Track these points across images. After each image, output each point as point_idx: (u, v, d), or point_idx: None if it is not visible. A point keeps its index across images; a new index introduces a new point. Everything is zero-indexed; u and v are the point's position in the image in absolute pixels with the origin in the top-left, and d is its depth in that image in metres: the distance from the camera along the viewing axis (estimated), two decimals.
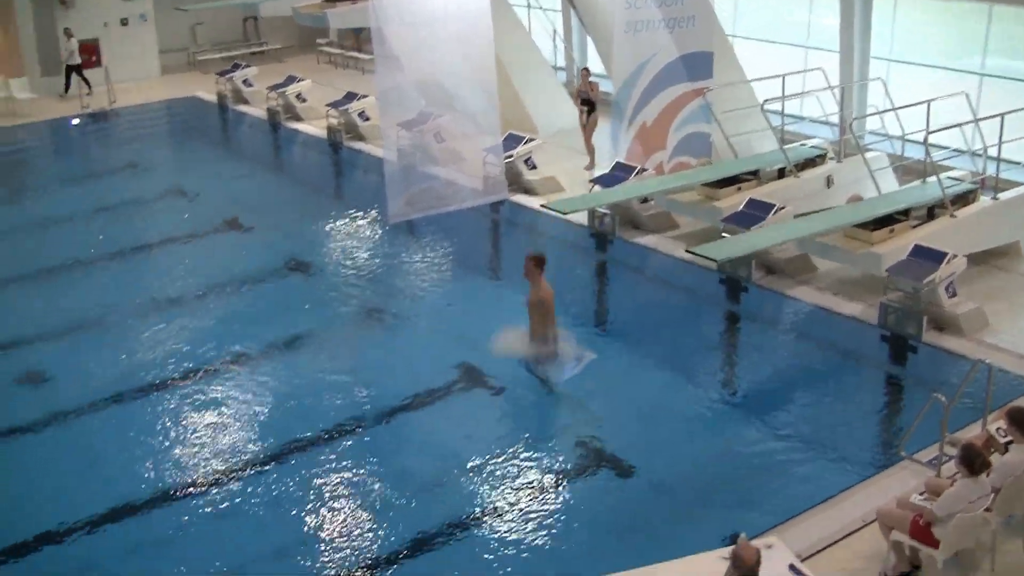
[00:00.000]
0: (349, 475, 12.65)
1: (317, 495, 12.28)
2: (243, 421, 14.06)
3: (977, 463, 9.83)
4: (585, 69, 24.31)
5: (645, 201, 19.61)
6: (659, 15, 20.27)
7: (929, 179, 17.82)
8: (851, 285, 16.85)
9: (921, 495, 10.26)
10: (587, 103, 23.28)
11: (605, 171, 20.50)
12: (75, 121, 30.72)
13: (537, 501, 12.04)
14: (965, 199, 17.59)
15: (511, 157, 21.42)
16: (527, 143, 22.03)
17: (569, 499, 12.15)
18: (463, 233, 20.28)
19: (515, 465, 12.73)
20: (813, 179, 19.71)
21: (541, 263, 13.98)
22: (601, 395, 14.31)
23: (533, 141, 22.25)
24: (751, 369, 15.61)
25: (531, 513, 11.79)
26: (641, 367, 15.35)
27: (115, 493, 12.37)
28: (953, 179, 17.85)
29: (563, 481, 12.46)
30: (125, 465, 13.05)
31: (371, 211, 21.69)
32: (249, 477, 12.71)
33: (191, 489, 12.49)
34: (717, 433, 13.51)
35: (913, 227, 17.03)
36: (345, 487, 12.43)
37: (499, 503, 12.02)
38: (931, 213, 17.44)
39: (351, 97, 27.09)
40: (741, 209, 17.71)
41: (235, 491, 12.46)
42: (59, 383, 15.27)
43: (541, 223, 20.67)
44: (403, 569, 11.06)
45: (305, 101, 29.17)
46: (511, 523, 11.63)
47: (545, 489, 12.30)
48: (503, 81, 21.67)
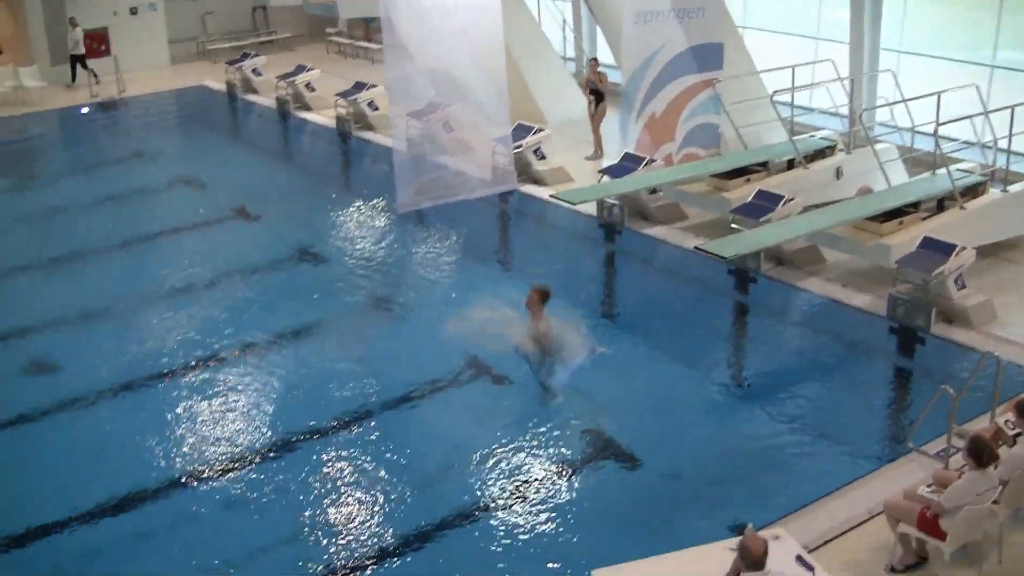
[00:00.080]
0: (357, 464, 12.67)
1: (325, 484, 12.31)
2: (251, 410, 14.10)
3: (984, 455, 9.82)
4: (593, 59, 24.27)
5: (654, 192, 19.60)
6: (669, 5, 20.23)
7: (939, 171, 17.78)
8: (860, 277, 16.82)
9: (928, 487, 10.26)
10: (595, 93, 23.26)
11: (614, 162, 20.48)
12: (84, 110, 30.75)
13: (544, 491, 12.06)
14: (975, 191, 17.57)
15: (520, 147, 21.42)
16: (536, 133, 22.02)
17: (576, 489, 12.16)
18: (471, 223, 20.27)
19: (522, 455, 12.74)
20: (822, 170, 19.69)
21: (545, 297, 13.79)
22: (609, 386, 14.32)
23: (542, 131, 22.23)
24: (759, 360, 15.60)
25: (538, 503, 11.81)
26: (649, 358, 15.35)
27: (123, 481, 12.41)
28: (963, 171, 17.81)
29: (570, 471, 12.48)
30: (133, 454, 13.10)
31: (380, 201, 21.69)
32: (257, 466, 12.75)
33: (199, 477, 12.54)
34: (724, 424, 13.53)
35: (923, 219, 17.02)
36: (352, 476, 12.46)
37: (506, 493, 12.04)
38: (941, 205, 17.42)
39: (360, 87, 27.06)
40: (750, 200, 17.69)
41: (243, 480, 12.50)
42: (67, 372, 15.30)
43: (550, 213, 20.66)
44: (410, 558, 11.09)
45: (314, 91, 29.15)
46: (518, 513, 11.65)
47: (552, 479, 12.32)
48: (512, 71, 21.64)
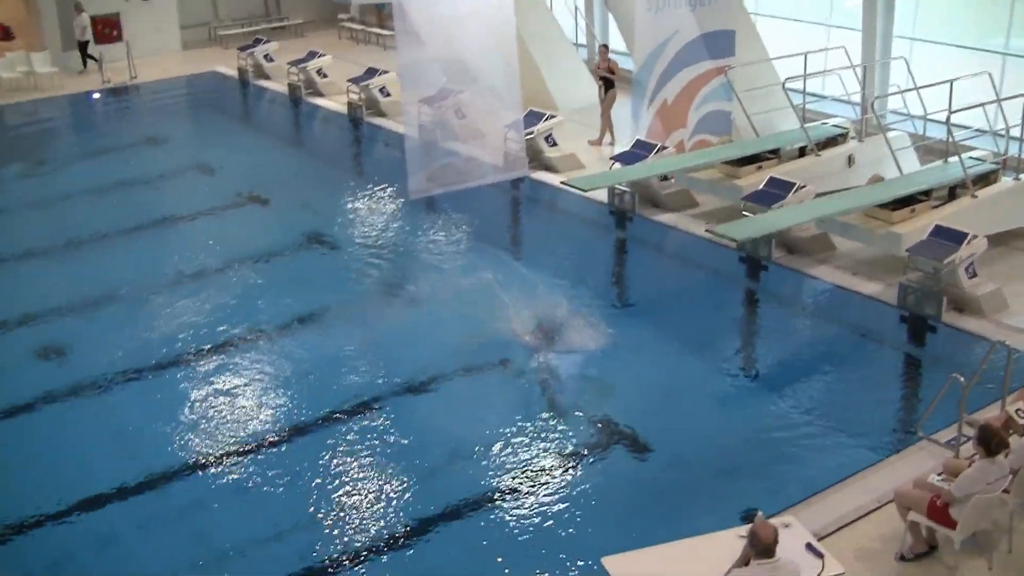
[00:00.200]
0: (366, 451, 12.72)
1: (334, 471, 12.36)
2: (260, 396, 14.16)
3: (994, 443, 9.84)
4: (604, 46, 24.25)
5: (665, 179, 19.59)
6: None
7: (951, 159, 17.77)
8: (870, 265, 16.81)
9: (939, 475, 10.28)
10: (605, 80, 23.24)
11: (625, 148, 20.47)
12: (96, 96, 30.78)
13: (553, 479, 12.10)
14: (986, 179, 17.54)
15: (531, 134, 21.41)
16: (548, 120, 22.01)
17: (586, 477, 12.20)
18: (483, 209, 20.28)
19: (531, 443, 12.78)
20: (834, 158, 19.68)
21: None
22: (619, 373, 14.37)
23: (554, 118, 22.22)
24: (769, 348, 15.62)
25: (547, 491, 11.85)
26: (660, 345, 15.38)
27: (133, 467, 12.47)
28: (975, 159, 17.79)
29: (580, 459, 12.51)
30: (143, 439, 13.18)
31: (391, 187, 21.72)
32: (266, 453, 12.80)
33: (209, 463, 12.59)
34: (735, 411, 13.56)
35: (934, 207, 17.00)
36: (362, 463, 12.50)
37: (516, 480, 12.08)
38: (952, 193, 17.39)
39: (372, 73, 27.06)
40: (761, 188, 17.68)
41: (253, 466, 12.55)
42: (79, 357, 15.38)
43: (561, 200, 20.69)
44: (419, 545, 11.14)
45: (326, 76, 29.14)
46: (527, 501, 11.69)
47: (561, 467, 12.36)
48: (524, 58, 21.62)
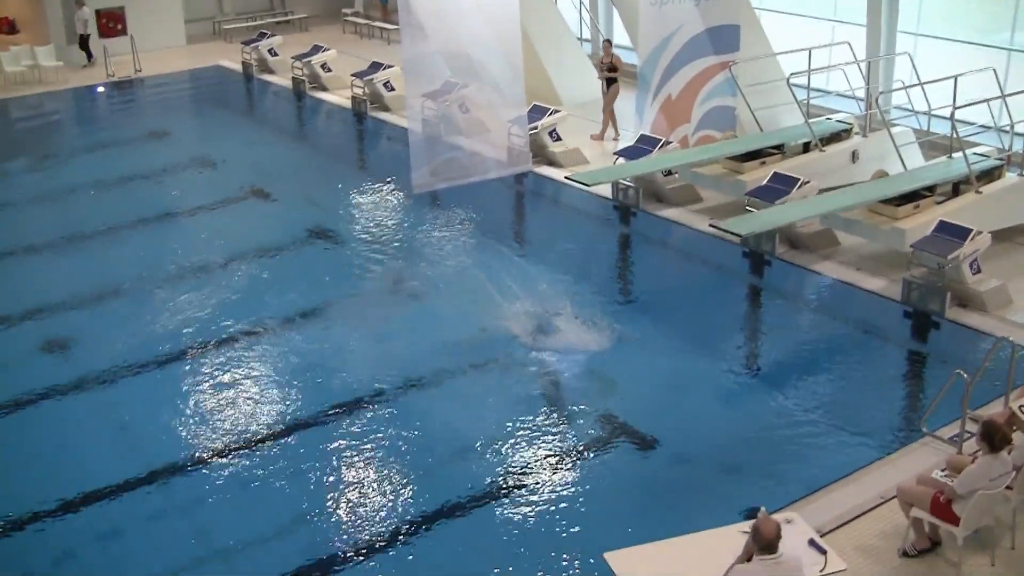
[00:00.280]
0: (369, 447, 12.72)
1: (338, 465, 12.38)
2: (265, 391, 14.16)
3: (997, 439, 9.83)
4: (607, 41, 24.26)
5: (669, 174, 19.59)
6: None
7: (955, 155, 17.75)
8: (874, 260, 16.81)
9: (943, 472, 10.28)
10: (609, 75, 23.21)
11: (629, 143, 20.46)
12: (100, 89, 30.80)
13: (556, 474, 12.11)
14: (991, 175, 17.52)
15: (535, 128, 21.41)
16: (552, 115, 21.99)
17: (590, 472, 12.20)
18: (487, 204, 20.30)
19: (536, 438, 12.79)
20: (838, 154, 19.67)
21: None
22: (623, 368, 14.38)
23: (558, 113, 22.20)
24: (773, 343, 15.61)
25: (551, 486, 11.86)
26: (663, 340, 15.37)
27: (138, 461, 12.50)
28: (979, 155, 17.77)
29: (584, 453, 12.51)
30: (148, 434, 13.19)
31: (395, 181, 21.72)
32: (269, 447, 12.81)
33: (214, 457, 12.60)
34: (738, 407, 13.56)
35: (938, 203, 17.00)
36: (365, 459, 12.51)
37: (519, 476, 12.08)
38: (956, 189, 17.39)
39: (376, 67, 27.06)
40: (766, 183, 17.67)
41: (256, 461, 12.56)
42: (82, 351, 15.41)
43: (565, 195, 20.69)
44: (423, 539, 11.15)
45: (330, 71, 29.16)
46: (531, 496, 11.70)
47: (566, 461, 12.37)
48: (528, 52, 21.62)
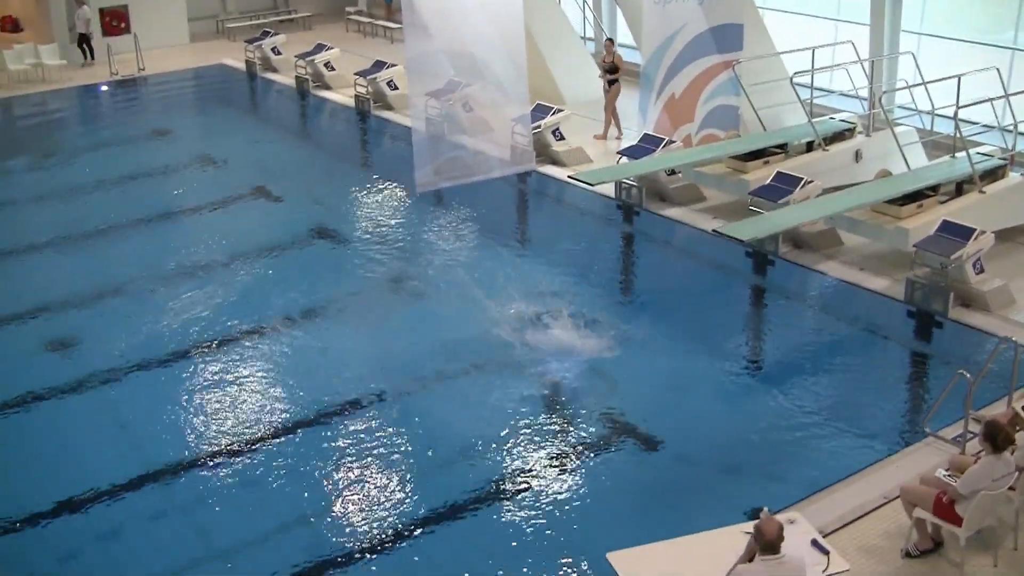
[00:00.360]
0: (371, 446, 12.73)
1: (342, 464, 12.40)
2: (267, 390, 14.18)
3: (1000, 439, 9.83)
4: (609, 40, 24.26)
5: (672, 173, 19.58)
6: None
7: (958, 154, 17.75)
8: (878, 260, 16.80)
9: (946, 471, 10.28)
10: (611, 73, 23.20)
11: (633, 143, 20.46)
12: (104, 88, 30.82)
13: (559, 473, 12.12)
14: (994, 175, 17.52)
15: (539, 128, 21.39)
16: (555, 114, 21.99)
17: (592, 472, 12.22)
18: (490, 203, 20.30)
19: (538, 438, 12.80)
20: (841, 153, 19.65)
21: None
22: (625, 367, 14.38)
23: (561, 112, 22.20)
24: (776, 343, 15.62)
25: (553, 486, 11.88)
26: (666, 340, 15.38)
27: (140, 460, 12.54)
28: (982, 155, 17.77)
29: (587, 453, 12.53)
30: (150, 432, 13.22)
31: (398, 180, 21.72)
32: (271, 446, 12.83)
33: (214, 456, 12.63)
34: (741, 407, 13.57)
35: (941, 203, 16.99)
36: (367, 458, 12.52)
37: (521, 475, 12.10)
38: (960, 189, 17.38)
39: (379, 66, 27.04)
40: (769, 182, 17.66)
41: (258, 460, 12.59)
42: (84, 349, 15.43)
43: (568, 194, 20.69)
44: (425, 539, 11.17)
45: (333, 70, 29.15)
46: (533, 495, 11.71)
47: (568, 461, 12.38)
48: (532, 51, 21.60)
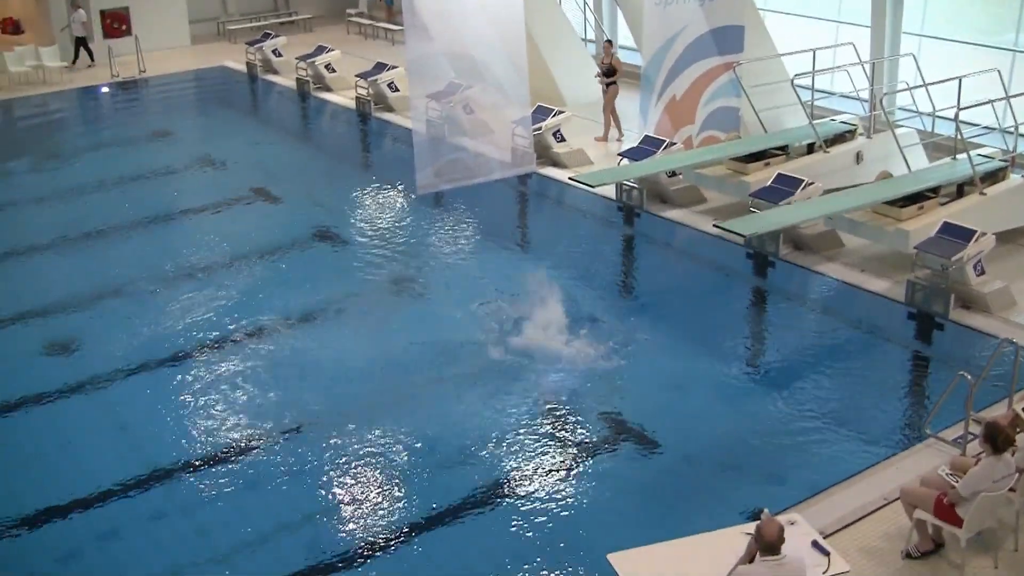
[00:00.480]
0: (372, 447, 12.73)
1: (342, 465, 12.39)
2: (267, 391, 14.15)
3: (1000, 440, 9.82)
4: (608, 41, 24.27)
5: (673, 175, 19.58)
6: None
7: (959, 156, 17.74)
8: (878, 262, 16.79)
9: (948, 471, 10.26)
10: (607, 75, 23.20)
11: (633, 144, 20.46)
12: (104, 89, 30.84)
13: (559, 474, 12.12)
14: (995, 177, 17.51)
15: (540, 129, 21.40)
16: (556, 116, 21.99)
17: (592, 473, 12.20)
18: (491, 205, 20.31)
19: (538, 438, 12.80)
20: (842, 155, 19.65)
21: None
22: (626, 368, 14.38)
23: (562, 114, 22.20)
24: (777, 344, 15.61)
25: (553, 486, 11.87)
26: (667, 341, 15.38)
27: (140, 460, 12.52)
28: (983, 156, 17.76)
29: (588, 454, 12.53)
30: (151, 432, 13.22)
31: (399, 182, 21.72)
32: (272, 447, 12.81)
33: (216, 458, 12.62)
34: (742, 408, 13.55)
35: (942, 204, 16.98)
36: (368, 459, 12.51)
37: (522, 475, 12.09)
38: (960, 190, 17.37)
39: (380, 68, 27.06)
40: (770, 184, 17.66)
41: (259, 460, 12.58)
42: (85, 351, 15.42)
43: (569, 196, 20.69)
44: (426, 539, 11.16)
45: (334, 71, 29.16)
46: (533, 496, 11.70)
47: (568, 462, 12.37)
48: (532, 53, 21.60)
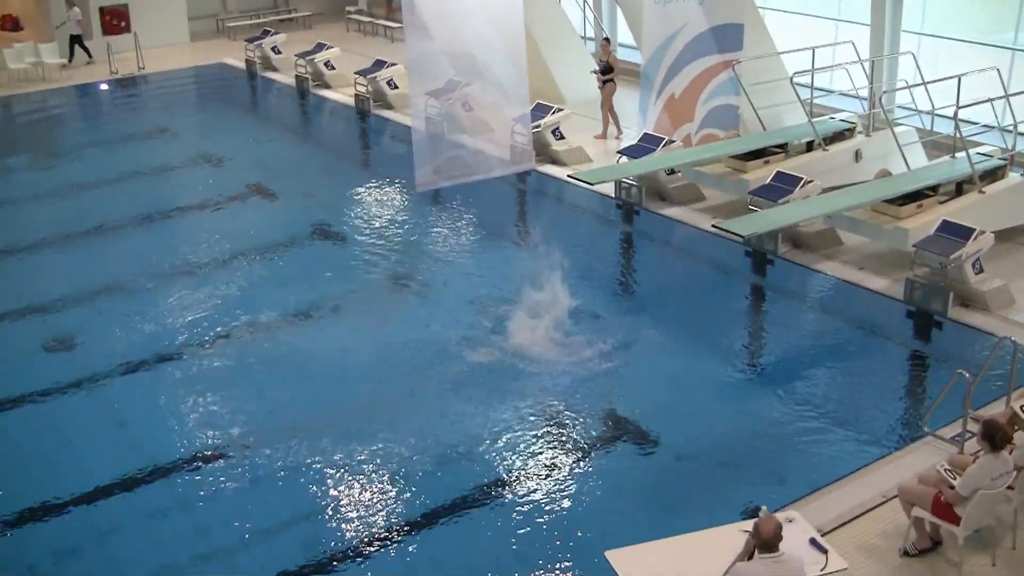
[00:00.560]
0: (370, 444, 12.71)
1: (342, 462, 12.38)
2: (266, 388, 14.18)
3: (998, 438, 9.82)
4: (605, 39, 24.27)
5: (672, 173, 19.58)
6: None
7: (958, 155, 17.74)
8: (877, 260, 16.79)
9: (947, 468, 10.25)
10: (606, 73, 23.19)
11: (632, 142, 20.46)
12: (104, 86, 30.83)
13: (558, 471, 12.11)
14: (994, 175, 17.51)
15: (539, 127, 21.40)
16: (555, 113, 22.00)
17: (591, 470, 12.22)
18: (490, 202, 20.31)
19: (538, 435, 12.80)
20: (841, 153, 19.65)
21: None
22: (624, 366, 14.39)
23: (561, 111, 22.20)
24: (775, 342, 15.61)
25: (552, 483, 11.87)
26: (665, 339, 15.38)
27: (140, 458, 12.52)
28: (982, 155, 17.77)
29: (587, 452, 12.53)
30: (150, 430, 13.22)
31: (398, 179, 21.72)
32: (273, 443, 12.80)
33: (215, 454, 12.62)
34: (740, 406, 13.55)
35: (941, 203, 16.98)
36: (366, 456, 12.50)
37: (521, 473, 12.10)
38: (959, 189, 17.37)
39: (380, 65, 27.06)
40: (769, 182, 17.66)
41: (258, 458, 12.57)
42: (84, 347, 15.43)
43: (568, 193, 20.68)
44: (425, 536, 11.17)
45: (334, 69, 29.17)
46: (533, 493, 11.70)
47: (568, 459, 12.37)
48: (532, 51, 21.59)
